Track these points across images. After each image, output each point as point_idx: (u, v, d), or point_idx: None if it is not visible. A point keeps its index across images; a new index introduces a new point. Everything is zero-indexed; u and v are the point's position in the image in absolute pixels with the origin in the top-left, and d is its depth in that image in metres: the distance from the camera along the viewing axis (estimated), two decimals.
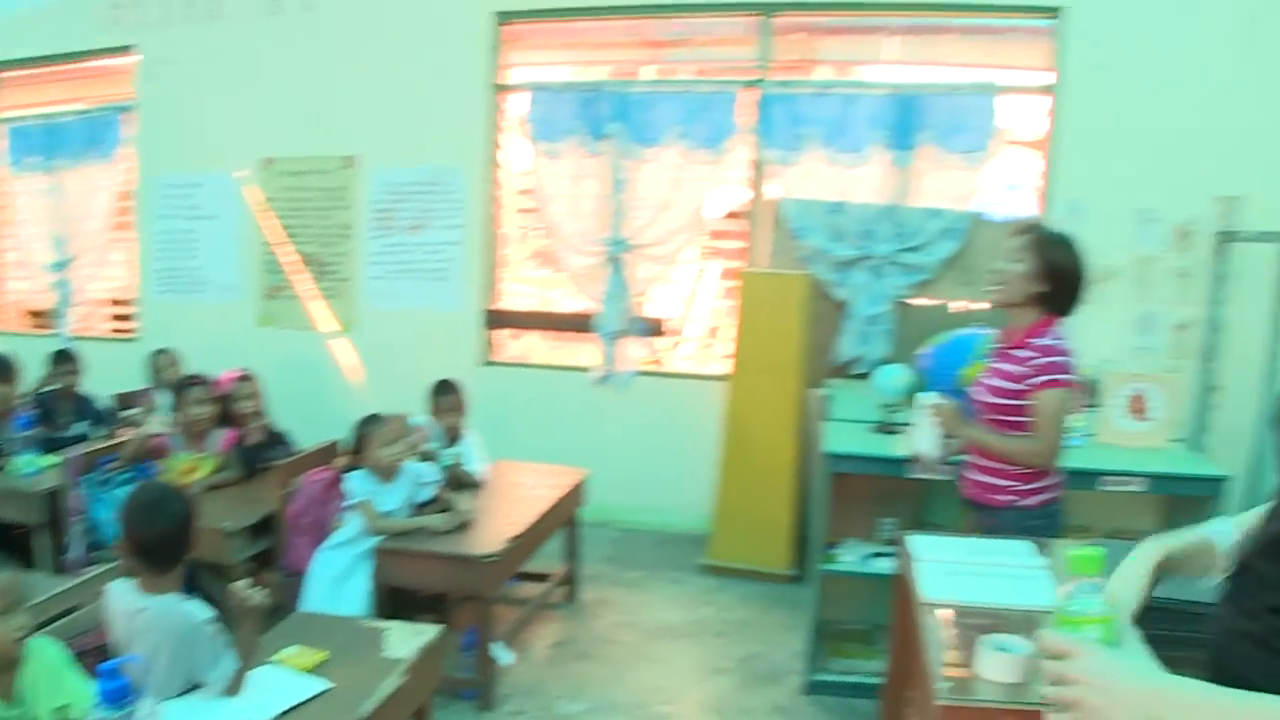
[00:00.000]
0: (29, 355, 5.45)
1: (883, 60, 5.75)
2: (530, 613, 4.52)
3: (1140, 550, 1.28)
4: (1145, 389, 4.29)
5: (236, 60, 6.46)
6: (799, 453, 5.22)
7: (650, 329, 6.01)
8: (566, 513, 4.70)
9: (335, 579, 3.71)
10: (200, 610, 2.41)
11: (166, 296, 6.83)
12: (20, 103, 7.24)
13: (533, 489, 4.55)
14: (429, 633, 2.88)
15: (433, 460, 4.28)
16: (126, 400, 5.60)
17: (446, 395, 4.64)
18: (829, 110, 5.47)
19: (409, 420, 4.12)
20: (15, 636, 2.06)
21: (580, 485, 4.81)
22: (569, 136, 5.84)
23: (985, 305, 3.16)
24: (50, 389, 5.32)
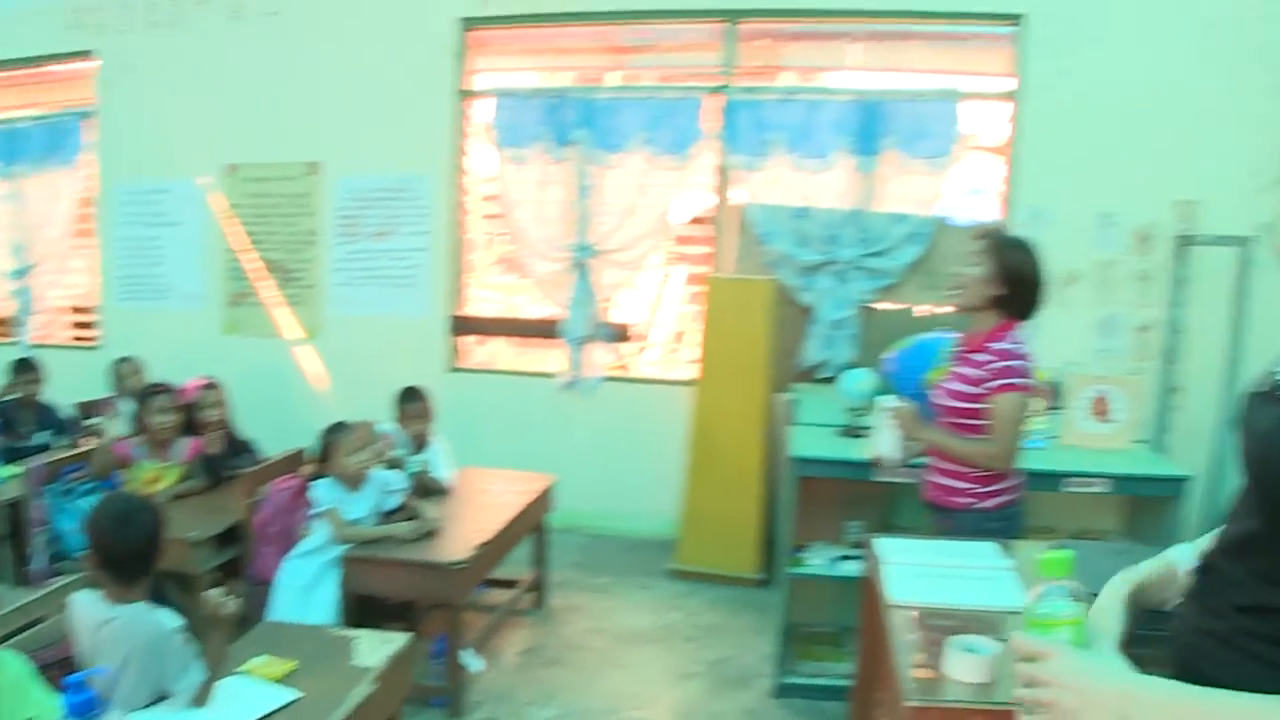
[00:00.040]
0: None
1: (847, 66, 5.79)
2: (499, 619, 4.51)
3: (1110, 586, 1.30)
4: (1108, 391, 4.35)
5: (199, 66, 6.41)
6: (766, 457, 5.23)
7: (616, 334, 6.01)
8: (534, 519, 4.69)
9: (303, 588, 3.69)
10: (169, 619, 2.39)
11: (129, 304, 6.76)
12: None
13: (500, 495, 4.54)
14: (398, 641, 2.86)
15: (400, 467, 4.26)
16: (89, 409, 5.53)
17: (413, 402, 4.62)
18: (794, 116, 5.50)
19: (375, 427, 4.11)
20: None
21: (548, 491, 4.80)
22: (534, 142, 5.84)
23: (949, 309, 3.18)
24: (11, 398, 5.25)
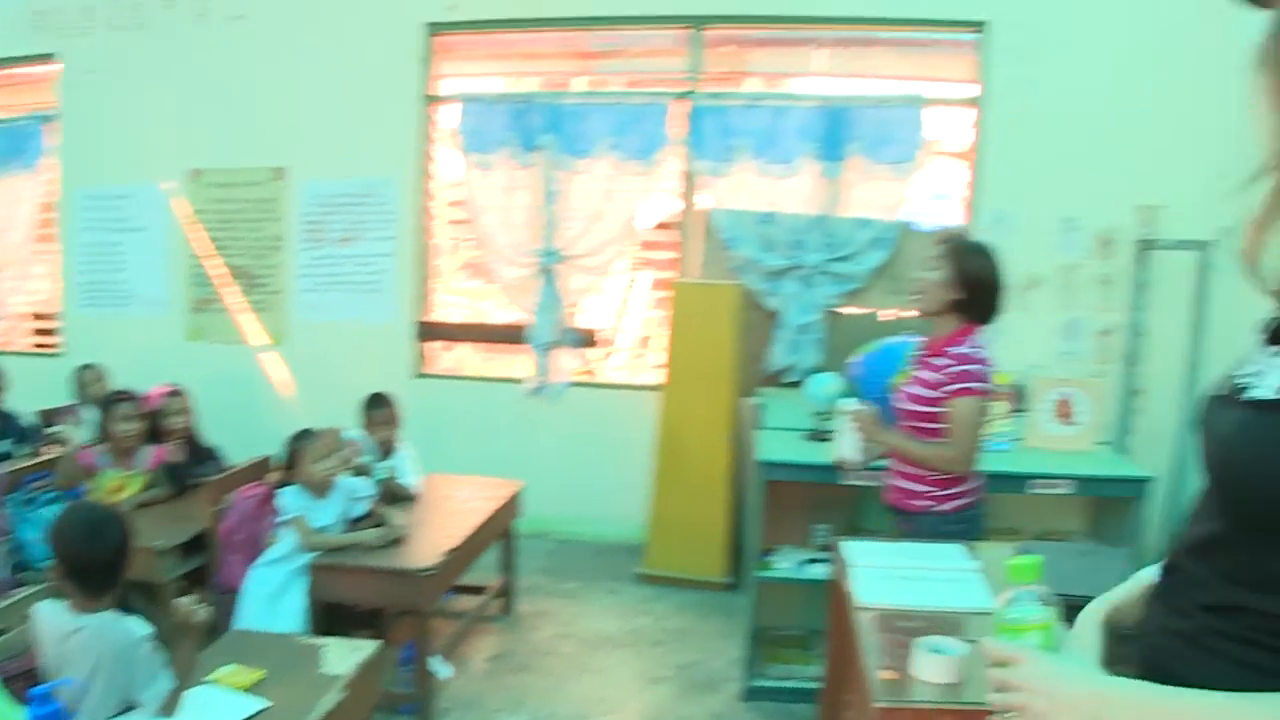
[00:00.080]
0: None
1: (812, 72, 5.82)
2: (467, 626, 4.49)
3: (1085, 613, 1.31)
4: (1071, 393, 4.41)
5: (163, 69, 6.34)
6: (733, 461, 5.25)
7: (583, 340, 6.01)
8: (502, 525, 4.68)
9: (270, 596, 3.66)
10: (139, 627, 2.38)
11: (91, 310, 6.68)
12: None
13: (468, 501, 4.52)
14: (367, 648, 2.85)
15: (367, 474, 4.23)
16: (51, 417, 5.45)
17: (380, 408, 4.60)
18: (759, 122, 5.52)
19: (342, 434, 4.09)
20: None
21: (515, 497, 4.79)
22: (501, 148, 5.83)
23: (914, 313, 3.22)
24: None
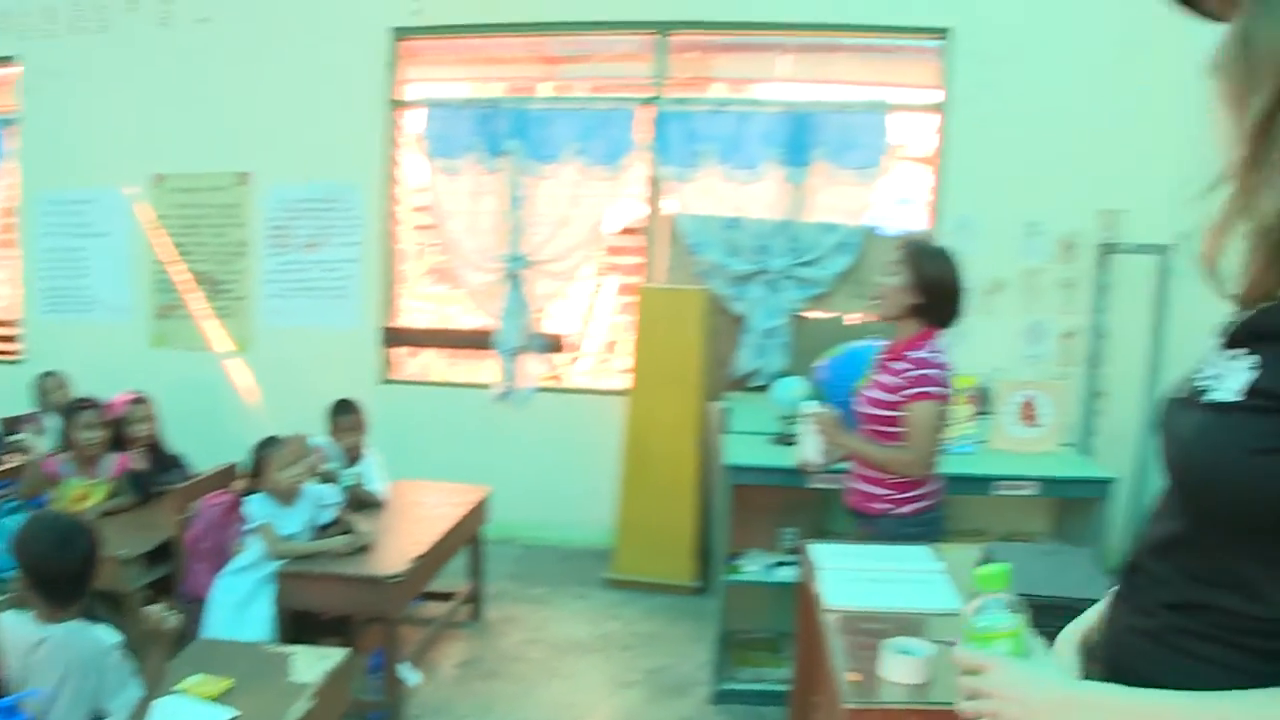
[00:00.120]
0: None
1: (777, 78, 5.84)
2: (436, 632, 4.48)
3: (1062, 637, 1.32)
4: (1035, 396, 4.45)
5: (126, 73, 6.28)
6: (700, 465, 5.25)
7: (549, 345, 5.99)
8: (469, 531, 4.67)
9: (237, 604, 3.65)
10: (107, 635, 2.37)
11: (53, 316, 6.60)
12: None
13: (435, 508, 4.51)
14: (335, 656, 2.84)
15: (333, 481, 4.22)
16: (12, 425, 5.39)
17: (346, 415, 4.58)
18: (724, 127, 5.52)
19: (308, 441, 4.07)
20: None
21: (482, 503, 4.78)
22: (467, 153, 5.80)
23: (877, 318, 3.24)
24: None
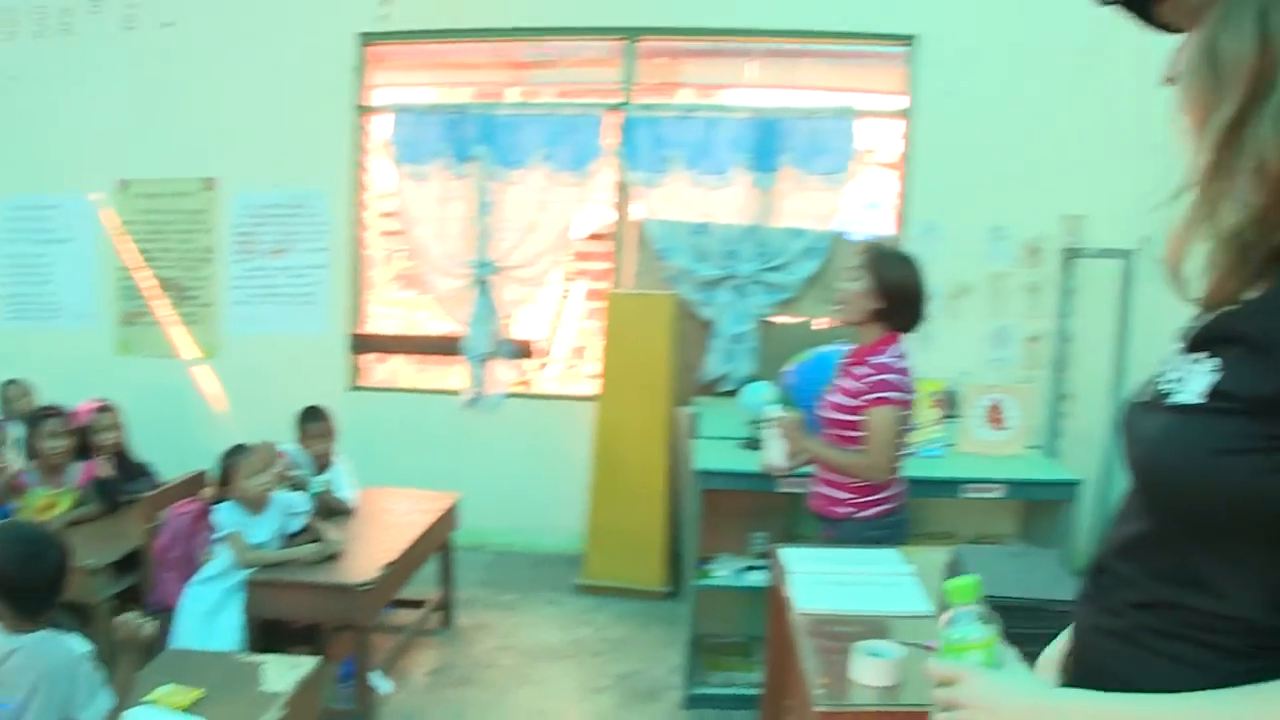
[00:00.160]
0: None
1: (744, 84, 5.86)
2: (407, 640, 4.46)
3: (1043, 658, 1.34)
4: (1001, 399, 4.48)
5: (90, 77, 6.21)
6: (669, 470, 5.26)
7: (518, 351, 5.97)
8: (440, 537, 4.66)
9: (206, 614, 3.63)
10: (78, 644, 2.35)
11: (16, 323, 6.52)
12: None
13: (405, 515, 4.50)
14: (306, 665, 2.84)
15: (302, 489, 4.20)
16: None
17: (315, 422, 4.56)
18: (692, 133, 5.53)
19: (276, 448, 4.05)
20: None
21: (452, 509, 4.77)
22: (434, 159, 5.77)
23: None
24: None
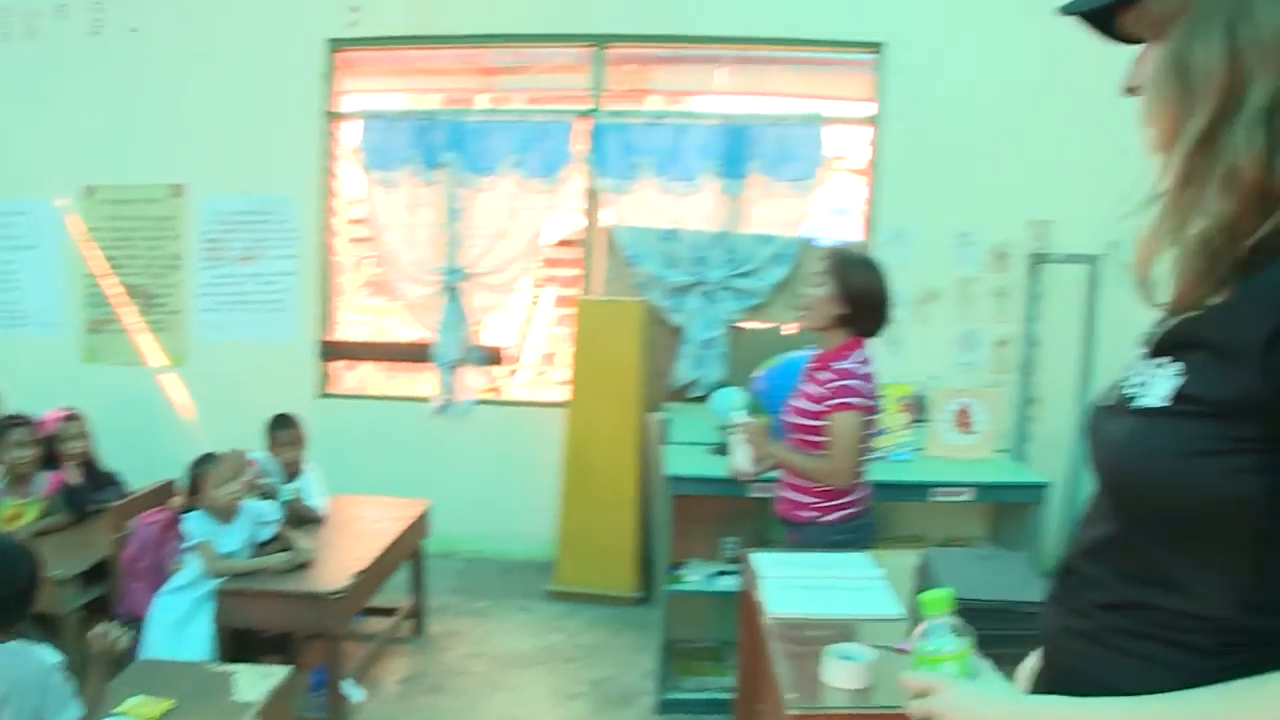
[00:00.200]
0: None
1: (713, 91, 5.89)
2: (378, 648, 4.44)
3: (1021, 669, 1.35)
4: (969, 403, 4.51)
5: (56, 82, 6.16)
6: (640, 476, 5.26)
7: (488, 358, 5.95)
8: (411, 545, 4.65)
9: (176, 624, 3.61)
10: (49, 655, 2.34)
11: None
12: None
13: (376, 522, 4.49)
14: (278, 674, 2.82)
15: (272, 497, 4.17)
16: None
17: (284, 429, 4.53)
18: (661, 140, 5.55)
19: (246, 457, 4.03)
20: None
21: (423, 516, 4.76)
22: (403, 165, 5.76)
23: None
24: None
